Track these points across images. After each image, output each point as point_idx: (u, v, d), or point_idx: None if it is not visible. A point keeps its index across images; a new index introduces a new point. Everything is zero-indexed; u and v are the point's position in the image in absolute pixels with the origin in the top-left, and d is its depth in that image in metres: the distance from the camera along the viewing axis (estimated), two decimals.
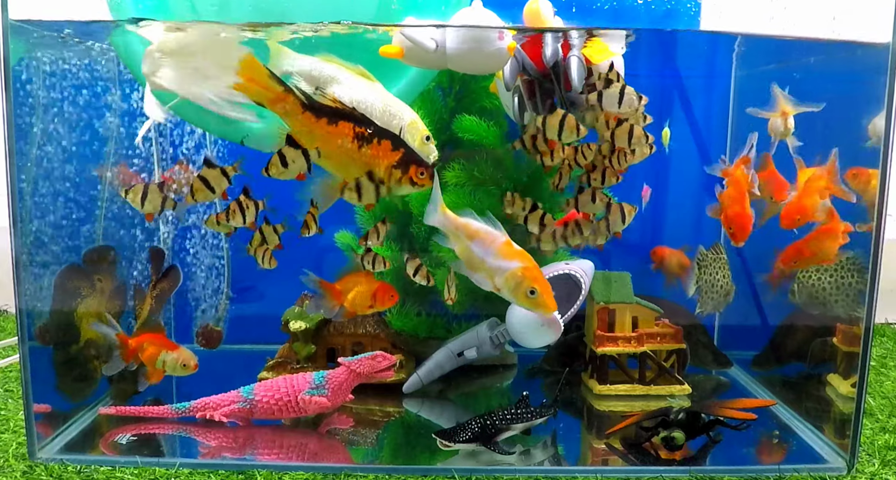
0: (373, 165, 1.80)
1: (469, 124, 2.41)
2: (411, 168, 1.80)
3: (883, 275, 1.85)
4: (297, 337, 2.39)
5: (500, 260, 1.80)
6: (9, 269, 1.86)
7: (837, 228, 2.13)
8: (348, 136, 1.78)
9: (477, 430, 1.92)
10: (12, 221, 1.85)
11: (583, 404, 2.34)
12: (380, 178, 1.81)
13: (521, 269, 1.79)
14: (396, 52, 1.96)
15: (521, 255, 1.82)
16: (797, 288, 2.38)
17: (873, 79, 1.84)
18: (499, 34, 1.95)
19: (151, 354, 1.91)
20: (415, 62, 2.01)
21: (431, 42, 1.92)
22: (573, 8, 2.21)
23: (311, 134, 1.78)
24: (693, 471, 1.84)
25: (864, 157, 2.04)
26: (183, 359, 1.89)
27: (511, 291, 1.80)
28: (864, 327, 1.87)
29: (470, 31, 1.94)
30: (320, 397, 2.06)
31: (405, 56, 1.97)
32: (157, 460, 1.86)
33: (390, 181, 1.81)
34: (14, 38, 1.78)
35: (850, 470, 1.88)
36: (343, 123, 1.78)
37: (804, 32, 2.10)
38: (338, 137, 1.78)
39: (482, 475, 1.83)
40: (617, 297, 2.38)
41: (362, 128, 1.79)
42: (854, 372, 2.04)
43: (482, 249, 1.83)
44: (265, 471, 1.81)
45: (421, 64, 2.02)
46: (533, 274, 1.79)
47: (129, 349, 1.93)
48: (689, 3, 2.44)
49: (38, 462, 1.86)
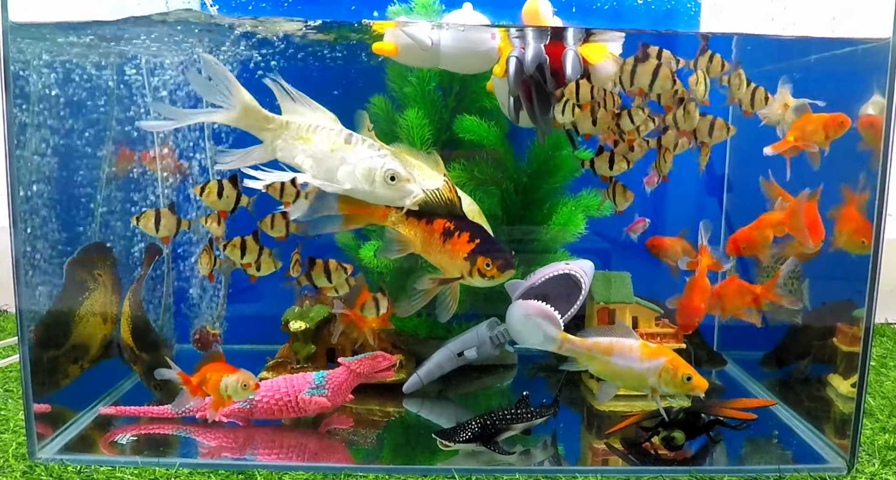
0: (453, 256, 1.90)
1: (470, 124, 2.41)
2: (479, 259, 1.87)
3: (883, 275, 1.85)
4: (297, 337, 2.39)
5: (647, 362, 1.91)
6: (9, 269, 1.86)
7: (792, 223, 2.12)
8: (438, 232, 1.92)
9: (477, 430, 1.92)
10: (12, 221, 1.85)
11: (583, 404, 2.34)
12: (459, 270, 1.91)
13: (669, 362, 1.91)
14: (391, 50, 1.97)
15: (660, 350, 1.93)
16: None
17: (873, 78, 1.84)
18: (491, 34, 1.96)
19: (215, 383, 1.92)
20: (407, 60, 2.02)
21: (429, 40, 1.94)
22: (573, 8, 2.21)
23: (417, 233, 1.95)
24: (693, 471, 1.84)
25: (864, 157, 2.04)
26: (243, 380, 1.90)
27: (668, 384, 1.91)
28: (864, 327, 1.87)
29: (465, 31, 1.95)
30: (320, 397, 2.06)
31: (399, 54, 1.97)
32: (157, 460, 1.86)
33: (464, 272, 1.90)
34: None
35: (850, 470, 1.88)
36: (437, 221, 1.93)
37: (804, 32, 2.10)
38: (432, 234, 1.93)
39: (482, 475, 1.83)
40: (617, 297, 2.38)
41: (450, 223, 1.92)
42: (854, 372, 2.04)
43: (624, 359, 1.92)
44: (265, 471, 1.81)
45: (413, 62, 2.03)
46: (679, 362, 1.92)
47: (194, 386, 1.94)
48: (689, 3, 2.44)
49: (38, 462, 1.86)
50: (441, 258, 1.94)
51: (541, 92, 2.04)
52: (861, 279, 1.87)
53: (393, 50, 1.98)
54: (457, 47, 1.96)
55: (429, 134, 2.40)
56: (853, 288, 1.94)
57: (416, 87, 2.49)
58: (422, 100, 2.46)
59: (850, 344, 2.20)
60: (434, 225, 1.92)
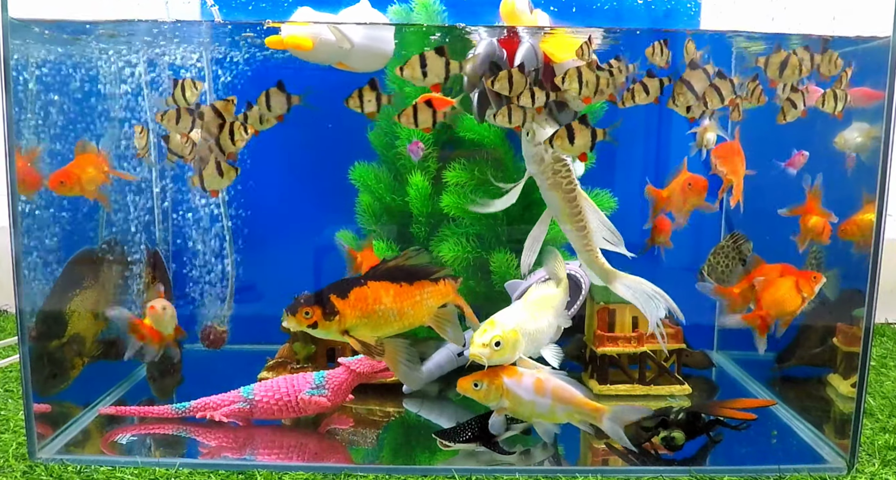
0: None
1: (470, 124, 2.41)
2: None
3: (883, 275, 1.84)
4: (297, 337, 2.39)
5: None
6: (9, 269, 1.86)
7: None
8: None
9: (477, 430, 1.92)
10: (12, 221, 1.85)
11: None
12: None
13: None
14: (308, 46, 1.90)
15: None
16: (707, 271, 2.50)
17: (873, 78, 1.84)
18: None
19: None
20: (314, 57, 1.95)
21: (354, 39, 1.92)
22: (573, 8, 2.21)
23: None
24: (693, 471, 1.84)
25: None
26: (162, 305, 1.95)
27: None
28: (864, 327, 1.87)
29: (371, 30, 1.94)
30: (320, 397, 2.06)
31: (312, 49, 1.91)
32: (157, 460, 1.86)
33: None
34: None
35: (850, 470, 1.88)
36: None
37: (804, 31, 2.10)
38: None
39: (482, 475, 1.83)
40: (617, 297, 2.37)
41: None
42: (854, 372, 2.03)
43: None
44: (265, 471, 1.81)
45: (320, 59, 1.96)
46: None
47: (139, 325, 1.96)
48: (689, 3, 2.44)
49: (38, 462, 1.86)
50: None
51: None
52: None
53: (309, 45, 1.90)
54: (366, 46, 1.94)
55: (429, 134, 2.40)
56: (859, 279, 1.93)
57: (416, 87, 2.49)
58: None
59: (850, 344, 2.20)
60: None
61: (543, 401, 1.85)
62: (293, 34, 1.89)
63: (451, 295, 1.88)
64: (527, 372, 1.87)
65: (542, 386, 1.85)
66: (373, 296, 1.77)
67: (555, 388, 1.85)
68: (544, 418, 1.88)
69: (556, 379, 1.87)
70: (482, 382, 1.84)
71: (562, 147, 1.81)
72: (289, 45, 1.89)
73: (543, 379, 1.86)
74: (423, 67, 1.76)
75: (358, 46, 1.92)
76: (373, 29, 1.96)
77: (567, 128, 1.77)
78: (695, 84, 1.86)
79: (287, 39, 1.89)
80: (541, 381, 1.85)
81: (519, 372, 1.87)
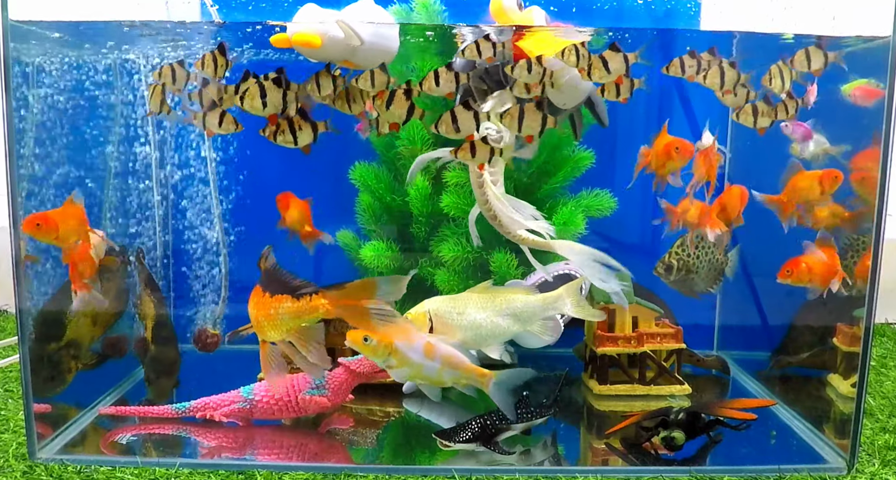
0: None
1: None
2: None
3: (883, 275, 1.84)
4: None
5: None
6: (9, 269, 1.86)
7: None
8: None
9: (477, 430, 1.92)
10: (12, 221, 1.85)
11: (583, 404, 2.34)
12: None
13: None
14: (316, 43, 1.86)
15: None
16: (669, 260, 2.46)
17: (873, 77, 1.84)
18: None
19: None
20: (322, 55, 1.92)
21: (364, 36, 1.90)
22: (573, 8, 2.21)
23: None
24: (693, 471, 1.84)
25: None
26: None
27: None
28: (864, 327, 1.87)
29: (377, 27, 1.92)
30: (320, 397, 2.06)
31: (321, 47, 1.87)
32: (157, 460, 1.86)
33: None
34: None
35: (850, 470, 1.88)
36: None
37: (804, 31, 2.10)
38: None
39: (482, 475, 1.83)
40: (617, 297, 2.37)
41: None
42: (854, 372, 2.03)
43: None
44: (265, 471, 1.81)
45: (328, 57, 1.93)
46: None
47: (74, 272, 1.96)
48: (689, 2, 2.44)
49: (38, 462, 1.86)
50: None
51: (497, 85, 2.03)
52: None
53: (318, 43, 1.86)
54: (373, 43, 1.93)
55: (429, 133, 2.40)
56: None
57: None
58: (422, 99, 2.46)
59: (850, 344, 2.20)
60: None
61: (432, 365, 1.89)
62: (301, 32, 1.85)
63: (318, 312, 1.79)
64: (419, 336, 1.91)
65: (432, 350, 1.89)
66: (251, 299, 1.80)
67: (444, 353, 1.90)
68: (431, 381, 1.92)
69: (446, 345, 1.91)
70: (373, 338, 1.86)
71: (510, 126, 1.81)
72: (296, 43, 1.85)
73: (434, 343, 1.90)
74: (455, 123, 1.85)
75: (365, 44, 1.91)
76: (378, 26, 1.95)
77: (520, 110, 1.77)
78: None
79: (295, 37, 1.85)
80: (431, 345, 1.89)
81: (412, 335, 1.90)
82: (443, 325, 1.95)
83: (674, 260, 2.42)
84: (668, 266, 2.41)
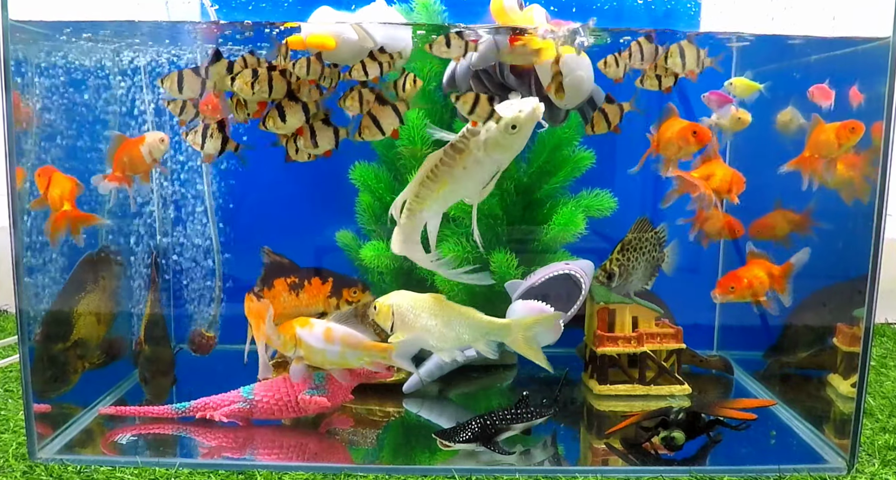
0: (314, 304, 2.00)
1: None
2: (343, 292, 2.02)
3: (883, 275, 1.84)
4: None
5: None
6: (9, 269, 1.86)
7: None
8: (285, 291, 1.99)
9: (477, 430, 1.92)
10: (12, 221, 1.85)
11: (583, 404, 2.34)
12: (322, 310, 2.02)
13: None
14: (331, 45, 1.87)
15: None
16: (611, 268, 2.37)
17: (873, 78, 1.84)
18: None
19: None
20: (339, 56, 1.93)
21: (377, 38, 1.91)
22: (573, 8, 2.21)
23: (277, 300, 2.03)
24: (693, 471, 1.84)
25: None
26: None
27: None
28: (864, 327, 1.87)
29: (390, 28, 1.93)
30: (320, 397, 2.06)
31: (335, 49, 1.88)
32: (157, 460, 1.86)
33: (331, 309, 2.02)
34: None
35: (850, 470, 1.88)
36: (277, 281, 2.01)
37: (804, 32, 2.10)
38: (280, 295, 2.00)
39: (482, 475, 1.83)
40: (617, 297, 2.38)
41: (292, 277, 1.99)
42: (854, 372, 2.03)
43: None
44: (265, 471, 1.81)
45: (341, 58, 1.94)
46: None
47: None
48: (689, 3, 2.44)
49: (38, 462, 1.86)
50: (296, 311, 2.02)
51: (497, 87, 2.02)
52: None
53: (332, 45, 1.87)
54: (386, 46, 1.94)
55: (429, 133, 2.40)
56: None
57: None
58: (422, 100, 2.46)
59: (850, 344, 2.20)
60: (275, 289, 1.99)
61: (334, 349, 1.96)
62: (315, 34, 1.87)
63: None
64: (318, 323, 1.98)
65: (331, 334, 1.97)
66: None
67: (343, 335, 1.97)
68: (338, 364, 1.99)
69: (344, 327, 1.99)
70: (281, 334, 1.98)
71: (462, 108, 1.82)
72: (311, 45, 1.87)
73: (332, 327, 1.98)
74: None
75: (379, 45, 1.91)
76: (391, 28, 1.96)
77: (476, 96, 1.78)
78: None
79: (310, 39, 1.86)
80: (329, 330, 1.97)
81: (311, 322, 1.99)
82: (401, 322, 1.98)
83: (615, 267, 2.33)
84: (610, 273, 2.32)
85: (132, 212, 2.45)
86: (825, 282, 2.31)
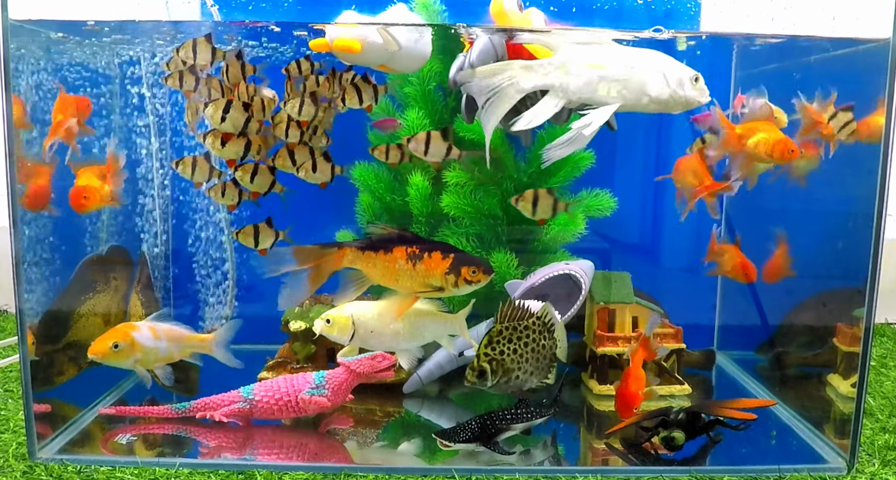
0: (429, 276, 1.93)
1: (470, 124, 2.41)
2: (462, 270, 1.92)
3: (883, 275, 1.85)
4: (297, 337, 2.39)
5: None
6: (9, 269, 1.86)
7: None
8: (403, 259, 1.93)
9: (477, 430, 1.92)
10: (12, 221, 1.85)
11: (583, 404, 2.34)
12: (438, 286, 1.94)
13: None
14: (356, 49, 1.89)
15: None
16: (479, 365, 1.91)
17: (873, 78, 1.84)
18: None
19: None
20: (361, 60, 1.96)
21: (402, 41, 1.92)
22: (573, 8, 2.21)
23: (377, 266, 1.96)
24: (693, 471, 1.84)
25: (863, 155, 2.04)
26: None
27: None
28: (864, 327, 1.87)
29: (412, 32, 1.95)
30: (320, 397, 2.06)
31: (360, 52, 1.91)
32: (157, 460, 1.86)
33: (448, 286, 1.93)
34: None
35: (850, 470, 1.88)
36: (397, 249, 1.94)
37: (804, 31, 2.10)
38: (395, 262, 1.94)
39: (482, 475, 1.83)
40: (617, 297, 2.38)
41: (413, 247, 1.94)
42: (854, 372, 2.04)
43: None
44: (265, 471, 1.81)
45: (366, 61, 1.97)
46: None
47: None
48: (689, 3, 2.44)
49: (38, 462, 1.86)
50: (412, 282, 1.95)
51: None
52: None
53: (358, 48, 1.89)
54: (409, 48, 1.94)
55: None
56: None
57: (416, 87, 2.49)
58: (422, 100, 2.46)
59: (850, 344, 2.20)
60: (395, 253, 1.94)
61: (161, 345, 2.06)
62: (341, 37, 1.88)
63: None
64: (144, 324, 2.07)
65: (156, 331, 2.06)
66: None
67: (165, 330, 2.07)
68: (167, 360, 2.07)
69: (165, 323, 2.08)
70: (120, 342, 2.01)
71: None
72: (337, 48, 1.90)
73: (155, 325, 2.07)
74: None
75: (402, 49, 1.92)
76: (413, 31, 1.98)
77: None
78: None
79: (336, 43, 1.89)
80: (153, 328, 2.06)
81: (138, 326, 2.06)
82: (367, 331, 2.01)
83: (484, 364, 1.85)
84: (481, 372, 1.85)
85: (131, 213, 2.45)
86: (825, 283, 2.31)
